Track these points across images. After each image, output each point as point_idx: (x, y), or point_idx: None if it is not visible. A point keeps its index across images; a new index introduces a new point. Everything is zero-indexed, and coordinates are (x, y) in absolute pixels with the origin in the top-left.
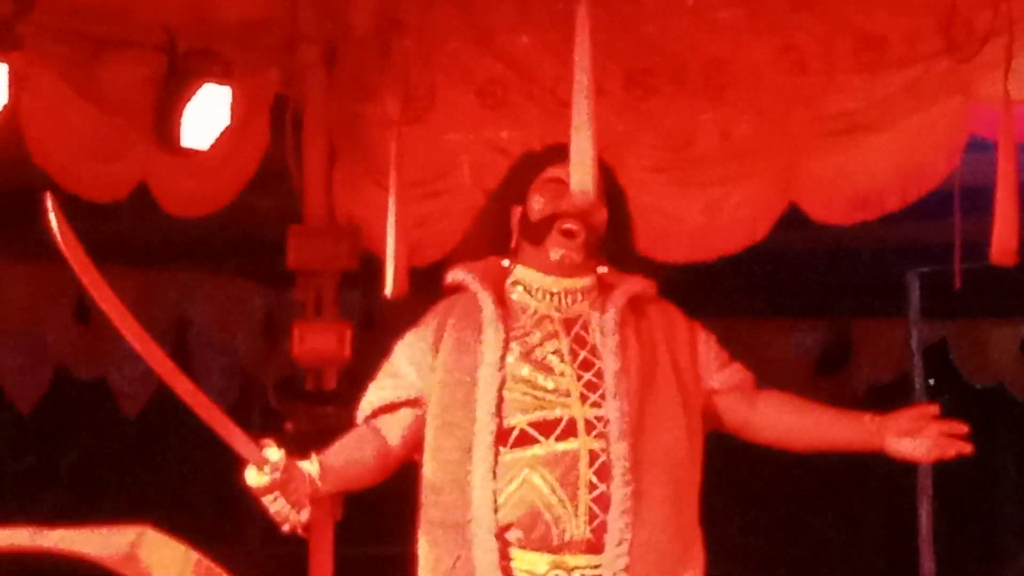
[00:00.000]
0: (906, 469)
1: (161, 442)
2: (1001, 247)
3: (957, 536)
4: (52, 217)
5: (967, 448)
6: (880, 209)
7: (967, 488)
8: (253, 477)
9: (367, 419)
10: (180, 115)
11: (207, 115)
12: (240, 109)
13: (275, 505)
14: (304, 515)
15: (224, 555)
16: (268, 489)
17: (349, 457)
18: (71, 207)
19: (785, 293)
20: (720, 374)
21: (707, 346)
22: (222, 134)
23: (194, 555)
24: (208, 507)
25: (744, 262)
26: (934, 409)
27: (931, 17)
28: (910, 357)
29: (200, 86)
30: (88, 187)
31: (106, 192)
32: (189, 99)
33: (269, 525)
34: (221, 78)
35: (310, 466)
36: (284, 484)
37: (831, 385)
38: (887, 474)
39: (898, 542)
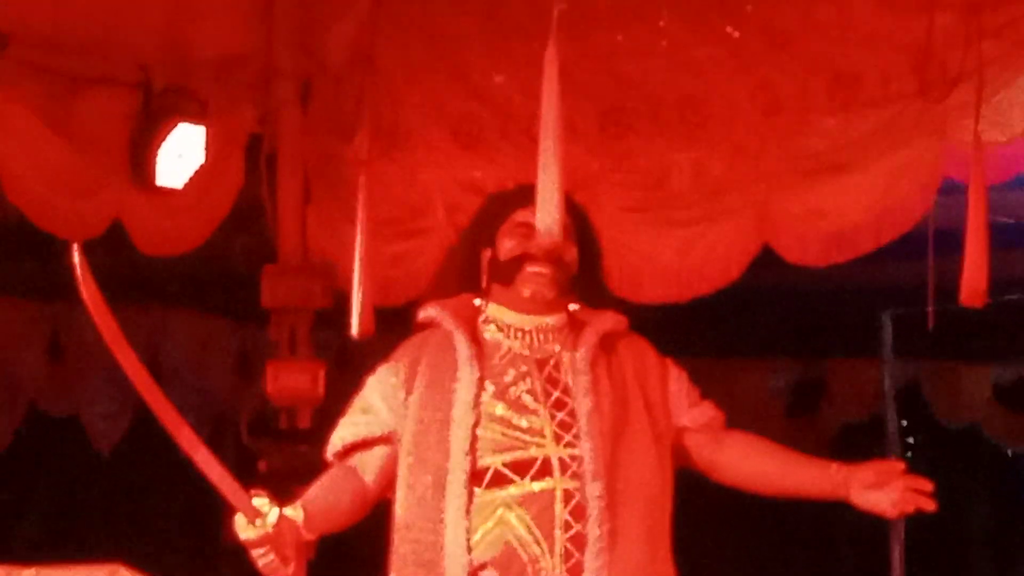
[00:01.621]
0: None
1: (134, 479)
2: (970, 289)
3: None
4: (77, 266)
5: (931, 505)
6: (854, 250)
7: (939, 528)
8: (244, 529)
9: (337, 455)
10: (155, 154)
11: (182, 154)
12: (215, 148)
13: (265, 559)
14: (291, 568)
15: None
16: (260, 543)
17: (330, 500)
18: (45, 244)
19: (758, 333)
20: (691, 412)
21: (678, 383)
22: (197, 173)
23: None
24: (181, 544)
25: (717, 301)
26: (901, 465)
27: (906, 58)
28: (883, 398)
29: (175, 125)
30: (62, 225)
31: (80, 230)
32: (164, 138)
33: (242, 562)
34: (196, 117)
35: (294, 513)
36: (276, 539)
37: (803, 425)
38: (858, 516)
39: None
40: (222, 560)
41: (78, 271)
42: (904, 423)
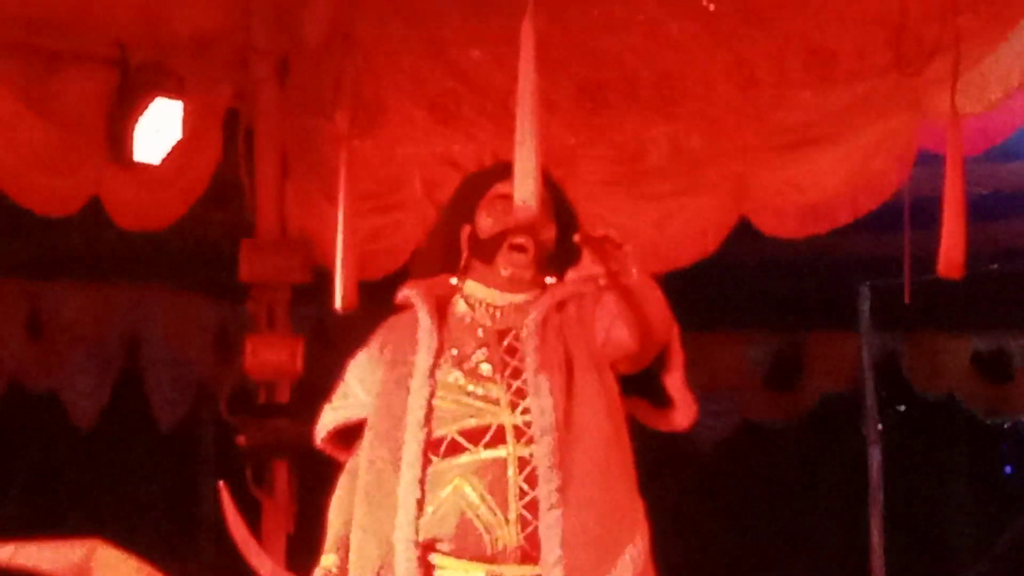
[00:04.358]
0: (858, 481)
1: (113, 455)
2: (948, 260)
3: (909, 546)
4: (224, 503)
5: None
6: (831, 222)
7: (917, 498)
8: None
9: (324, 441)
10: (132, 129)
11: (159, 129)
12: (192, 123)
13: None
14: None
15: (176, 569)
16: None
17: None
18: (24, 221)
19: (737, 306)
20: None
21: (605, 305)
22: (174, 148)
23: (145, 568)
24: (161, 520)
25: (696, 275)
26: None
27: (881, 31)
28: (862, 370)
29: (152, 100)
30: (40, 201)
31: (59, 206)
32: (141, 113)
33: (221, 538)
34: (173, 92)
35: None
36: None
37: (782, 398)
38: (837, 486)
39: (850, 554)
40: (200, 535)
41: (225, 507)
42: (883, 394)
